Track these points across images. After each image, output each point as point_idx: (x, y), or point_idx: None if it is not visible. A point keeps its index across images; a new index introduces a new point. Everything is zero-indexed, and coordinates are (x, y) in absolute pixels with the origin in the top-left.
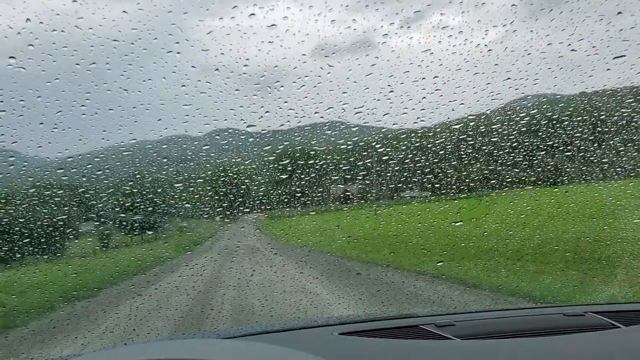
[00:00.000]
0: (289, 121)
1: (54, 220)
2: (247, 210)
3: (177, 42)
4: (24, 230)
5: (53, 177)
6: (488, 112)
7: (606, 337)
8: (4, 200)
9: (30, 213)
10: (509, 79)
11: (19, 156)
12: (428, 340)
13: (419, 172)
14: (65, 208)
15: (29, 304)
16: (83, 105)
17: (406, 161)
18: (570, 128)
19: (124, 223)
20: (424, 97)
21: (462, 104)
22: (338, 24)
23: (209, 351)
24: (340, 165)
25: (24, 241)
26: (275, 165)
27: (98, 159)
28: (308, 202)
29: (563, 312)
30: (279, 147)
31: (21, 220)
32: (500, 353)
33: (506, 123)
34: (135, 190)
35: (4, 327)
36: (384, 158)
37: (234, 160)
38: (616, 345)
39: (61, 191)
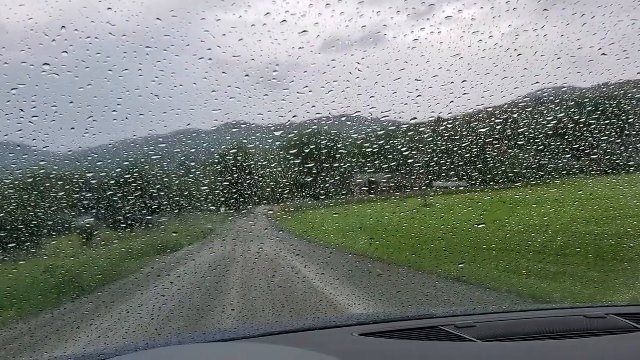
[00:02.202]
0: (315, 122)
1: (81, 221)
2: (260, 203)
3: (210, 49)
4: (54, 227)
5: (82, 181)
6: (515, 115)
7: (628, 340)
8: (33, 203)
9: (59, 214)
10: (537, 83)
11: (49, 160)
12: (448, 342)
13: (443, 174)
14: (93, 210)
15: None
16: (114, 111)
17: (431, 164)
18: (597, 131)
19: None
20: (452, 102)
21: (490, 108)
22: (369, 29)
23: (221, 355)
24: (361, 164)
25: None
26: (294, 158)
27: (127, 163)
28: (325, 196)
29: (584, 313)
30: (300, 140)
31: (50, 220)
32: (521, 356)
33: (532, 126)
34: (159, 189)
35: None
36: (409, 161)
37: (250, 153)
38: (637, 349)
39: (90, 194)
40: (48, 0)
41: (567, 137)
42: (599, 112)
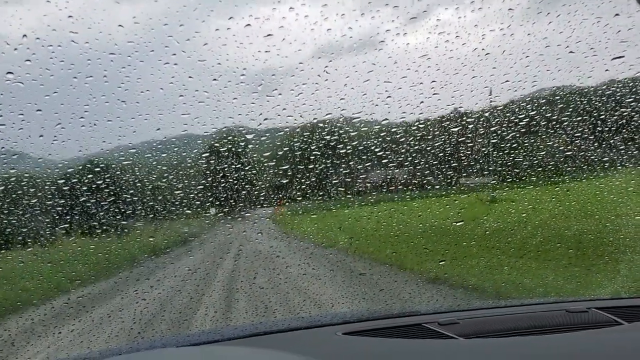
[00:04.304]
0: (287, 124)
1: (55, 228)
2: (236, 207)
3: (174, 54)
4: (27, 234)
5: (53, 188)
6: (487, 114)
7: (609, 334)
8: (6, 211)
9: (32, 221)
10: (507, 81)
11: (19, 168)
12: (431, 339)
13: (418, 174)
14: (67, 217)
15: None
16: (82, 117)
17: (405, 163)
18: (570, 128)
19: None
20: (422, 102)
21: (461, 106)
22: (334, 32)
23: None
24: (337, 167)
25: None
26: (267, 161)
27: (98, 169)
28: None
29: (566, 308)
30: (274, 143)
31: (23, 227)
32: (504, 353)
33: (505, 124)
34: (132, 194)
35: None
36: (383, 161)
37: (223, 156)
38: (618, 343)
39: (62, 201)
40: (7, 9)
41: (540, 134)
42: (570, 109)
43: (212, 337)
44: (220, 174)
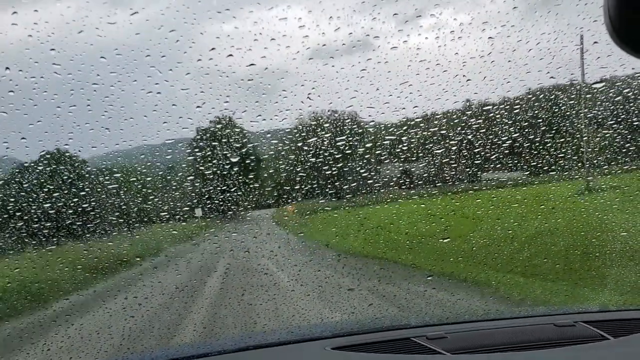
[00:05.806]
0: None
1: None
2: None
3: (157, 83)
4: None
5: (40, 211)
6: (470, 136)
7: (595, 350)
8: None
9: (13, 235)
10: (487, 105)
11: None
12: (419, 355)
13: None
14: (54, 238)
15: None
16: (66, 144)
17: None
18: (552, 148)
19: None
20: (405, 126)
21: (449, 132)
22: (316, 62)
23: None
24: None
25: None
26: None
27: (84, 193)
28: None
29: (554, 321)
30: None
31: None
32: None
33: (487, 145)
34: (117, 215)
35: None
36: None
37: (208, 178)
38: (604, 358)
39: (49, 223)
40: None
41: (523, 154)
42: (552, 131)
43: (201, 350)
44: (198, 191)
